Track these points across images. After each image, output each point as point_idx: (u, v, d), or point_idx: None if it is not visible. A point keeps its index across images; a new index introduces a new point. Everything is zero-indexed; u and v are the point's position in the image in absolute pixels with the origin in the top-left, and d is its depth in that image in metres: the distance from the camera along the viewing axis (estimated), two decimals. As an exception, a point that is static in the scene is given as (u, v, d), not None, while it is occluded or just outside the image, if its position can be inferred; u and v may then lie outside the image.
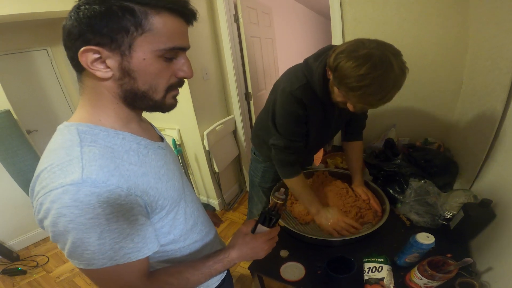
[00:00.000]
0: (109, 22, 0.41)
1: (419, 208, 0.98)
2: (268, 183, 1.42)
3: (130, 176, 0.46)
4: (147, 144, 0.54)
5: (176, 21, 0.46)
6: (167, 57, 0.47)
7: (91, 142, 0.45)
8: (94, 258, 0.43)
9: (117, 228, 0.43)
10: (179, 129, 2.21)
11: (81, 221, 0.40)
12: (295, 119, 0.96)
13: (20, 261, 2.19)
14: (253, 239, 0.66)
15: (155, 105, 0.51)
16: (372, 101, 0.72)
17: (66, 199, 0.39)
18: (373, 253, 0.85)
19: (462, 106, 1.34)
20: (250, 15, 2.25)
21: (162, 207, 0.53)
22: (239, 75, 2.23)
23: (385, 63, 0.66)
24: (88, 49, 0.42)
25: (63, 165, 0.41)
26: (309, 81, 0.89)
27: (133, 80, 0.46)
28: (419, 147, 1.34)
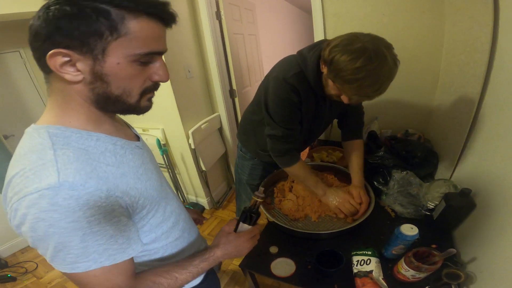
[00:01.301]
0: (80, 25, 0.38)
1: (403, 199, 0.98)
2: (256, 180, 1.39)
3: (109, 177, 0.45)
4: (124, 144, 0.53)
5: (154, 25, 0.43)
6: (143, 61, 0.44)
7: (64, 145, 0.43)
8: (78, 261, 0.42)
9: (99, 230, 0.42)
10: (163, 128, 2.14)
11: (62, 225, 0.39)
12: (289, 106, 0.94)
13: (8, 268, 2.11)
14: (236, 237, 0.68)
15: (129, 108, 0.49)
16: (368, 93, 0.74)
17: (44, 204, 0.38)
18: (360, 246, 0.85)
19: (440, 98, 1.36)
20: (233, 12, 2.19)
21: (142, 207, 0.52)
22: (223, 72, 2.18)
23: (379, 56, 0.67)
24: (57, 52, 0.39)
25: (37, 169, 0.39)
26: (303, 70, 0.89)
27: (106, 84, 0.43)
28: (400, 139, 1.35)
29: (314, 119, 1.05)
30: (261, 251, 0.97)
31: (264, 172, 1.36)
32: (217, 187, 2.53)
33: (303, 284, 0.83)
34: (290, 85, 0.89)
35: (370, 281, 0.74)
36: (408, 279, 0.73)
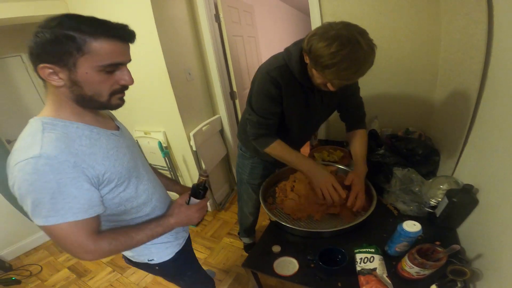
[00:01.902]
0: (55, 47, 0.53)
1: (405, 197, 0.98)
2: (257, 179, 1.39)
3: (78, 154, 0.58)
4: (99, 131, 0.66)
5: (113, 43, 0.56)
6: (107, 70, 0.58)
7: (51, 130, 0.57)
8: (49, 215, 0.55)
9: (65, 191, 0.55)
10: (165, 131, 2.14)
11: (38, 184, 0.53)
12: (268, 98, 0.97)
13: (13, 271, 2.10)
14: (187, 209, 0.79)
15: (102, 105, 0.63)
16: (347, 75, 0.76)
17: (28, 168, 0.52)
18: (363, 244, 0.84)
19: (439, 96, 1.36)
20: (232, 14, 2.20)
21: (109, 180, 0.64)
22: (223, 74, 2.18)
23: (352, 41, 0.71)
24: (44, 66, 0.54)
25: (28, 146, 0.54)
26: (287, 63, 0.92)
27: (80, 88, 0.58)
28: (401, 137, 1.35)
29: (305, 112, 1.05)
30: (264, 251, 0.97)
31: (264, 171, 1.36)
32: (219, 189, 2.52)
33: (306, 282, 0.83)
34: (271, 78, 0.93)
35: (374, 278, 0.74)
36: (413, 276, 0.72)
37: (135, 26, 1.94)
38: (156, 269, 0.92)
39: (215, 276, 1.78)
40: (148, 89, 1.98)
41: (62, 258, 2.18)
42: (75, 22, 0.53)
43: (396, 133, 1.46)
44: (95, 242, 0.61)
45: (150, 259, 0.88)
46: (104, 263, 2.03)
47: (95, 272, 1.97)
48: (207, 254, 2.00)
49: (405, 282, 0.75)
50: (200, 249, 2.05)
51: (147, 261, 0.88)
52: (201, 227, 2.29)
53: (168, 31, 1.77)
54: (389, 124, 1.58)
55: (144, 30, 1.72)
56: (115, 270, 1.95)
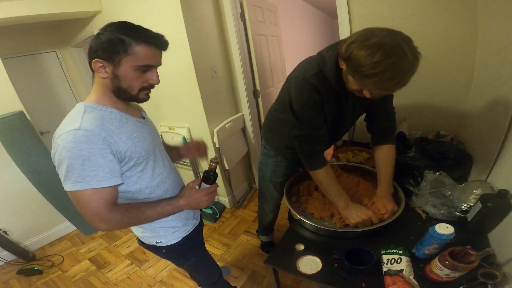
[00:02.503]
0: (109, 46, 0.68)
1: (435, 201, 0.98)
2: (279, 178, 1.42)
3: (108, 131, 0.70)
4: (128, 117, 0.80)
5: (150, 49, 0.71)
6: (142, 70, 0.72)
7: (90, 112, 0.71)
8: (78, 181, 0.66)
9: (94, 159, 0.66)
10: (189, 127, 2.22)
11: (74, 151, 0.64)
12: (313, 106, 0.95)
13: (36, 261, 2.20)
14: (196, 192, 0.87)
15: (132, 98, 0.77)
16: (389, 86, 0.74)
17: (68, 138, 0.64)
18: (391, 245, 0.85)
19: (474, 99, 1.33)
20: (256, 13, 2.25)
21: (130, 158, 0.76)
22: (247, 73, 2.23)
23: (397, 50, 0.68)
24: (97, 60, 0.70)
25: (71, 122, 0.67)
26: (322, 70, 0.91)
27: (119, 81, 0.72)
28: (432, 140, 1.33)
29: (337, 118, 1.05)
30: (287, 249, 0.99)
31: (287, 169, 1.38)
32: (238, 187, 2.57)
33: (329, 282, 0.84)
34: (311, 85, 0.91)
35: (401, 279, 0.75)
36: (442, 278, 0.73)
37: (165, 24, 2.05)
38: (163, 251, 0.99)
39: (230, 273, 1.82)
40: (174, 86, 2.07)
41: (84, 249, 2.28)
42: (126, 29, 0.69)
43: (425, 136, 1.44)
44: (110, 212, 0.70)
45: (158, 241, 0.95)
46: (124, 256, 2.13)
47: (114, 264, 2.06)
48: (223, 250, 2.04)
49: (432, 284, 0.75)
50: (217, 246, 2.10)
51: (155, 243, 0.96)
52: (219, 224, 2.35)
53: (196, 29, 1.84)
54: (418, 127, 1.56)
55: (174, 28, 1.80)
56: (133, 263, 2.03)
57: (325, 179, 1.05)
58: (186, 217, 1.01)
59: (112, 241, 2.35)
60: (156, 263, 1.99)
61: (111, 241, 2.35)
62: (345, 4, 1.52)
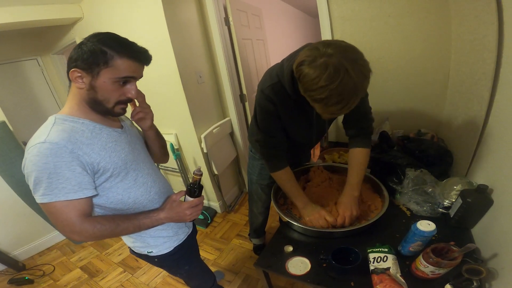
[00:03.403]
0: (90, 57, 0.66)
1: (418, 198, 0.98)
2: (266, 180, 1.42)
3: (77, 142, 0.68)
4: (102, 128, 0.77)
5: (131, 63, 0.69)
6: (120, 82, 0.70)
7: (60, 124, 0.69)
8: (45, 193, 0.65)
9: (60, 172, 0.65)
10: (176, 133, 2.19)
11: (39, 164, 0.63)
12: (267, 115, 0.98)
13: (26, 271, 2.15)
14: (178, 205, 0.84)
15: (107, 111, 0.74)
16: (334, 111, 0.73)
17: (34, 151, 0.64)
18: (376, 244, 0.85)
19: (451, 97, 1.36)
20: (241, 18, 2.24)
21: (105, 169, 0.73)
22: (233, 77, 2.22)
23: (341, 72, 0.64)
24: (75, 70, 0.68)
25: (39, 135, 0.66)
26: (280, 80, 0.91)
27: (95, 92, 0.70)
28: (413, 138, 1.35)
29: (304, 124, 1.04)
30: (276, 251, 0.99)
31: None
32: (228, 191, 2.55)
33: (318, 282, 0.83)
34: (266, 96, 0.94)
35: (388, 277, 0.75)
36: (427, 275, 0.73)
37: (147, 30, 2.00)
38: (156, 261, 0.97)
39: (224, 278, 1.80)
40: (160, 92, 2.04)
41: (75, 258, 2.23)
42: (111, 41, 0.67)
43: (407, 134, 1.46)
44: (81, 224, 0.69)
45: (149, 251, 0.93)
46: (116, 264, 2.08)
47: (106, 272, 2.01)
48: (216, 255, 2.02)
49: (419, 281, 0.76)
50: (210, 250, 2.07)
51: (147, 253, 0.94)
52: (211, 229, 2.32)
53: (179, 34, 1.82)
54: (400, 126, 1.58)
55: (157, 33, 1.77)
56: (126, 271, 1.99)
57: (284, 180, 1.10)
58: (178, 226, 0.98)
59: (103, 249, 2.29)
60: (149, 270, 1.95)
61: (102, 250, 2.29)
62: (325, 6, 1.54)
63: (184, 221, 0.85)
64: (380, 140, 1.43)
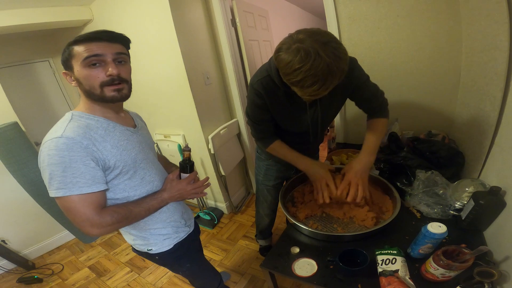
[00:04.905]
0: (63, 56, 0.74)
1: (428, 200, 0.97)
2: (271, 181, 1.43)
3: (91, 139, 0.72)
4: (116, 126, 0.81)
5: (87, 44, 0.71)
6: (89, 64, 0.71)
7: (76, 120, 0.73)
8: (60, 187, 0.67)
9: (75, 166, 0.67)
10: (184, 134, 2.22)
11: (55, 158, 0.66)
12: (255, 107, 1.04)
13: (35, 270, 2.20)
14: (178, 183, 0.89)
15: (99, 98, 0.75)
16: (313, 92, 0.75)
17: (51, 145, 0.67)
18: (385, 246, 0.84)
19: (463, 97, 1.34)
20: (247, 19, 2.26)
21: (115, 166, 0.76)
22: (240, 78, 2.23)
23: (311, 55, 0.68)
24: (64, 72, 0.76)
25: (56, 130, 0.70)
26: (269, 74, 0.95)
27: (81, 84, 0.74)
28: (423, 140, 1.33)
29: (297, 116, 1.08)
30: (282, 252, 0.99)
31: (279, 172, 1.40)
32: (235, 192, 2.56)
33: (325, 284, 0.83)
34: (255, 90, 1.00)
35: (396, 280, 0.74)
36: (437, 278, 0.72)
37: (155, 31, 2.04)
38: (156, 258, 1.00)
39: (230, 278, 1.81)
40: (168, 93, 2.07)
41: (83, 257, 2.28)
42: (75, 38, 0.72)
43: (417, 135, 1.44)
44: (100, 216, 0.71)
45: (149, 248, 0.95)
46: (123, 263, 2.12)
47: (113, 271, 2.05)
48: (222, 256, 2.03)
49: (429, 284, 0.75)
50: (216, 251, 2.08)
51: (147, 251, 0.96)
52: (217, 229, 2.33)
53: (187, 35, 1.85)
54: (410, 127, 1.57)
55: (165, 35, 1.80)
56: (132, 270, 2.02)
57: (280, 150, 1.16)
58: (177, 225, 1.00)
59: (111, 249, 2.33)
60: (156, 270, 1.98)
61: (110, 249, 2.33)
62: (332, 7, 1.53)
63: (187, 197, 0.90)
64: (389, 141, 1.42)
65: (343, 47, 0.72)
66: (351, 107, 1.53)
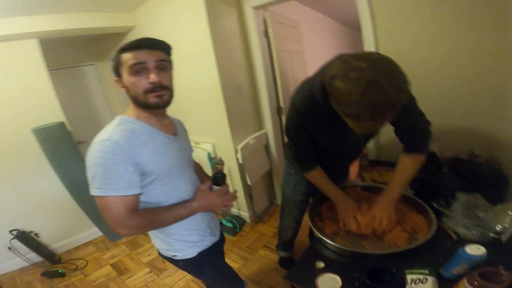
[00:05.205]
0: (113, 64, 0.82)
1: (468, 222, 0.95)
2: (299, 196, 1.44)
3: (134, 144, 0.78)
4: (158, 133, 0.87)
5: (132, 52, 0.78)
6: (134, 71, 0.78)
7: (124, 125, 0.81)
8: (100, 187, 0.73)
9: (116, 169, 0.74)
10: (214, 143, 2.32)
11: (99, 160, 0.73)
12: (296, 127, 1.05)
13: (61, 264, 2.35)
14: (208, 194, 0.92)
15: (144, 104, 0.82)
16: (368, 127, 0.73)
17: (98, 147, 0.74)
18: (416, 264, 0.83)
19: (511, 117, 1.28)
20: (280, 30, 2.34)
21: (151, 172, 0.81)
22: (270, 89, 2.30)
23: (374, 87, 0.64)
24: (114, 79, 0.84)
25: (104, 133, 0.78)
26: (312, 93, 0.92)
27: (129, 91, 0.81)
28: (465, 160, 1.30)
29: (338, 138, 1.06)
30: (306, 266, 1.00)
31: (308, 188, 1.40)
32: (259, 202, 2.59)
33: (349, 300, 0.83)
34: (296, 109, 0.99)
35: (428, 301, 0.73)
36: (472, 300, 0.70)
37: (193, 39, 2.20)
38: (180, 264, 1.04)
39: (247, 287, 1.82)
40: (200, 101, 2.20)
41: (107, 255, 2.41)
42: (122, 46, 0.80)
43: (458, 155, 1.40)
44: (130, 217, 0.77)
45: (174, 255, 1.00)
46: (144, 264, 2.21)
47: (134, 271, 2.15)
48: (241, 264, 2.06)
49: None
50: (235, 259, 2.12)
51: (172, 256, 1.00)
52: (238, 237, 2.37)
53: (221, 45, 1.96)
54: (450, 146, 1.51)
55: (201, 44, 1.94)
56: (152, 271, 2.11)
57: (316, 178, 1.19)
58: (203, 234, 1.03)
59: (134, 248, 2.45)
60: (174, 273, 2.05)
61: (133, 248, 2.45)
62: (369, 19, 1.55)
63: (216, 209, 0.94)
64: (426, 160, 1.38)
65: (406, 77, 0.68)
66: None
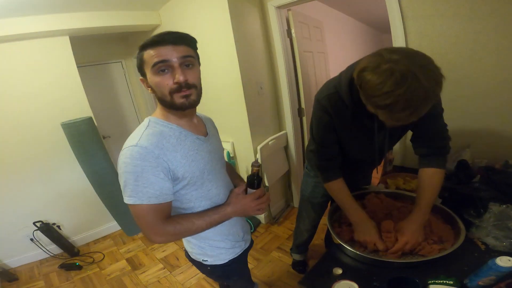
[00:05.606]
0: (137, 63, 0.80)
1: (498, 233, 0.94)
2: (318, 198, 1.46)
3: (163, 148, 0.76)
4: (187, 134, 0.85)
5: (154, 49, 0.74)
6: (158, 71, 0.75)
7: (152, 127, 0.79)
8: (131, 195, 0.73)
9: (146, 177, 0.73)
10: (233, 142, 2.38)
11: (130, 167, 0.72)
12: (323, 126, 1.05)
13: (79, 257, 2.49)
14: (243, 198, 0.91)
15: (170, 105, 0.79)
16: (401, 117, 0.72)
17: (128, 154, 0.73)
18: (440, 275, 0.83)
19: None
20: (302, 30, 2.37)
21: (183, 177, 0.80)
22: (292, 90, 2.34)
23: (408, 78, 0.65)
24: (140, 79, 0.83)
25: (133, 137, 0.77)
26: (338, 91, 0.95)
27: (155, 91, 0.79)
28: (499, 170, 1.26)
29: (361, 139, 1.06)
30: (323, 272, 1.01)
31: (326, 191, 1.39)
32: (275, 203, 2.63)
33: (366, 309, 0.84)
34: (321, 106, 1.00)
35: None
36: (497, 312, 0.69)
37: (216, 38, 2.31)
38: (208, 269, 1.04)
39: (258, 288, 1.86)
40: (222, 100, 2.27)
41: (124, 249, 2.54)
42: (143, 43, 0.77)
43: (491, 165, 1.36)
44: (164, 225, 0.77)
45: (204, 259, 1.00)
46: (158, 259, 2.31)
47: (147, 266, 2.25)
48: (254, 265, 2.09)
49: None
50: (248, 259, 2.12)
51: (201, 261, 1.01)
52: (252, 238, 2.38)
53: (244, 44, 2.03)
54: (483, 155, 1.48)
55: (224, 43, 2.01)
56: (165, 268, 2.20)
57: (336, 191, 1.14)
58: (235, 239, 1.03)
59: (150, 243, 2.55)
60: (187, 270, 2.12)
61: (149, 244, 2.56)
62: (400, 21, 1.55)
63: (250, 213, 0.92)
64: (457, 169, 1.36)
65: (441, 71, 0.69)
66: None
